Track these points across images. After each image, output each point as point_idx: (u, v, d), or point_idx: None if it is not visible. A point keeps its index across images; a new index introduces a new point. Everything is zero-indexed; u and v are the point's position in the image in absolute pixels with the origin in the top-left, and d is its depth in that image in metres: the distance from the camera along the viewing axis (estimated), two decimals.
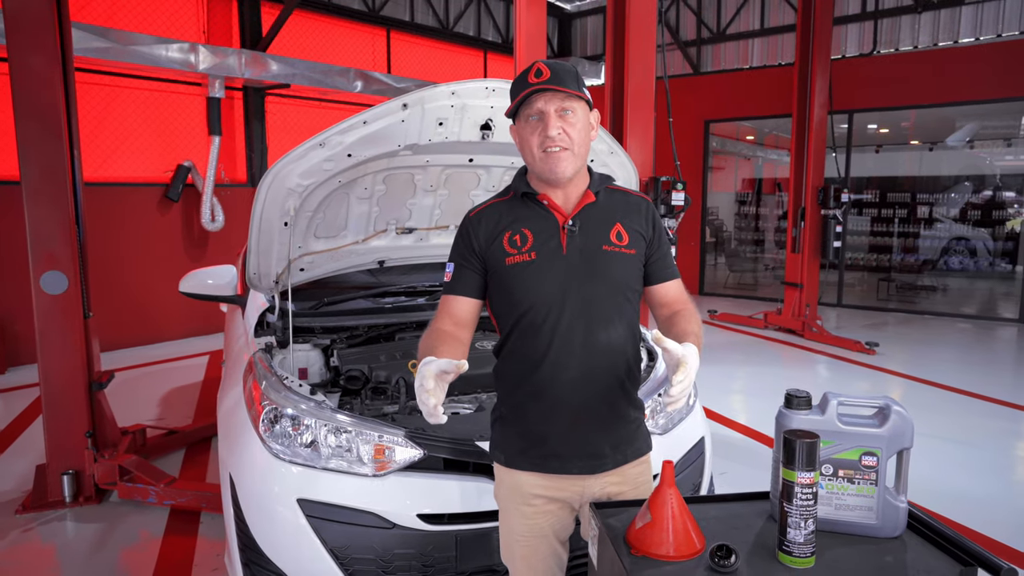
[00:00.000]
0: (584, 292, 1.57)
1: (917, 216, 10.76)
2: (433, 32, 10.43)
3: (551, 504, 1.65)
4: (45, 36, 3.36)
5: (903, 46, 9.43)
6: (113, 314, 6.68)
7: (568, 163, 1.56)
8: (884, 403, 1.44)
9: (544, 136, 1.53)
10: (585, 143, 1.60)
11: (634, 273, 1.64)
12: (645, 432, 1.74)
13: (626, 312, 1.63)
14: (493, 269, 1.61)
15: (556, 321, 1.56)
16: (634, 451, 1.69)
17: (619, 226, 1.63)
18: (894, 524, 1.41)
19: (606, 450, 1.63)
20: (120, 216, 6.97)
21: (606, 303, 1.59)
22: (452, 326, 1.61)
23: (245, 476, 2.12)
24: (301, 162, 2.30)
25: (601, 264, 1.59)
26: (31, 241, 3.40)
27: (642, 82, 4.59)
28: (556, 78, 1.52)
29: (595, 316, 1.58)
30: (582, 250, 1.59)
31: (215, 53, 6.83)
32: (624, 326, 1.63)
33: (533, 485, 1.63)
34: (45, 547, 3.20)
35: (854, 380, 6.00)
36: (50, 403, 3.53)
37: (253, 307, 2.93)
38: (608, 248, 1.60)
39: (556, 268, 1.57)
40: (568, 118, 1.54)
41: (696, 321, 1.61)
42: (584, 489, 1.65)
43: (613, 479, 1.66)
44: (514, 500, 1.66)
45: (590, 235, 1.60)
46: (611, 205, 1.66)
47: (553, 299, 1.57)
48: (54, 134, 3.40)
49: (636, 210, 1.67)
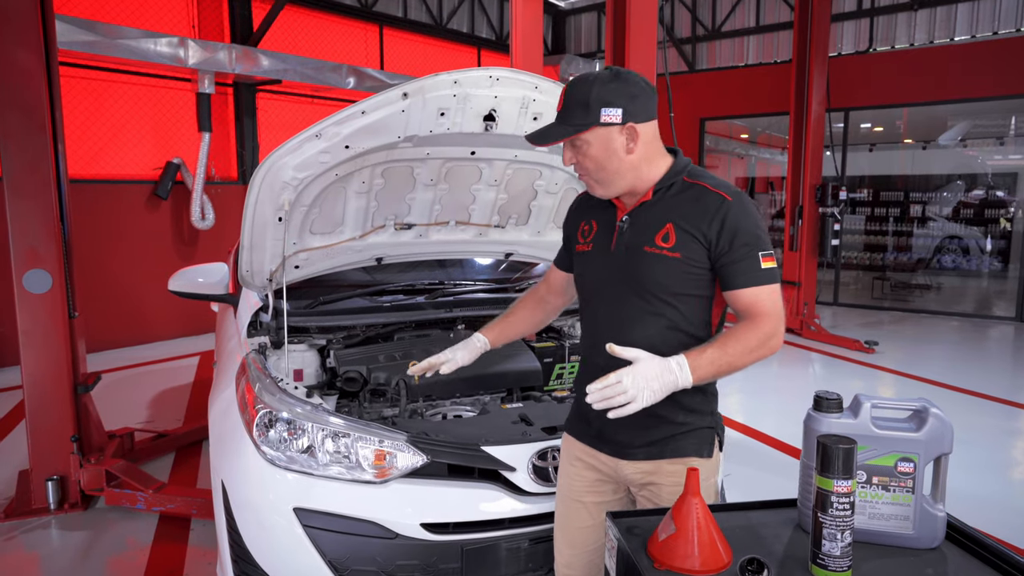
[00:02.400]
0: (618, 288, 1.62)
1: (911, 215, 10.77)
2: (426, 28, 10.32)
3: (589, 471, 1.73)
4: (28, 27, 3.24)
5: (899, 44, 9.41)
6: (101, 314, 6.54)
7: (595, 189, 1.62)
8: (921, 405, 1.36)
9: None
10: (607, 165, 1.56)
11: (677, 277, 1.55)
12: (703, 437, 1.65)
13: (667, 315, 1.58)
14: (571, 251, 1.80)
15: (596, 309, 1.68)
16: (673, 450, 1.63)
17: (670, 226, 1.55)
18: (932, 534, 1.33)
19: (636, 443, 1.64)
20: (108, 214, 6.82)
21: (637, 302, 1.59)
22: (546, 291, 1.96)
23: (238, 483, 2.02)
24: (296, 154, 2.20)
25: (639, 264, 1.58)
26: (13, 238, 3.28)
27: None
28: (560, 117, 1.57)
29: (626, 313, 1.60)
30: (627, 248, 1.61)
31: (205, 48, 6.70)
32: (658, 327, 1.58)
33: (579, 450, 1.75)
34: (28, 556, 3.09)
35: (851, 378, 5.96)
36: (34, 406, 3.41)
37: (246, 306, 2.82)
38: (650, 249, 1.57)
39: (601, 262, 1.66)
40: (580, 148, 1.57)
41: (745, 335, 1.50)
42: (617, 469, 1.69)
43: (647, 467, 1.65)
44: (566, 460, 1.79)
45: (637, 234, 1.60)
46: (673, 204, 1.58)
47: (594, 290, 1.69)
48: (37, 127, 3.27)
49: (703, 209, 1.54)
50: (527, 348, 2.75)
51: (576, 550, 1.77)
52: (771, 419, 4.84)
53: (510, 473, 1.97)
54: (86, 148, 6.76)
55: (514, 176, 2.76)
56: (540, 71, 5.27)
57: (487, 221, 2.94)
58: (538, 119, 2.35)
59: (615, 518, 1.46)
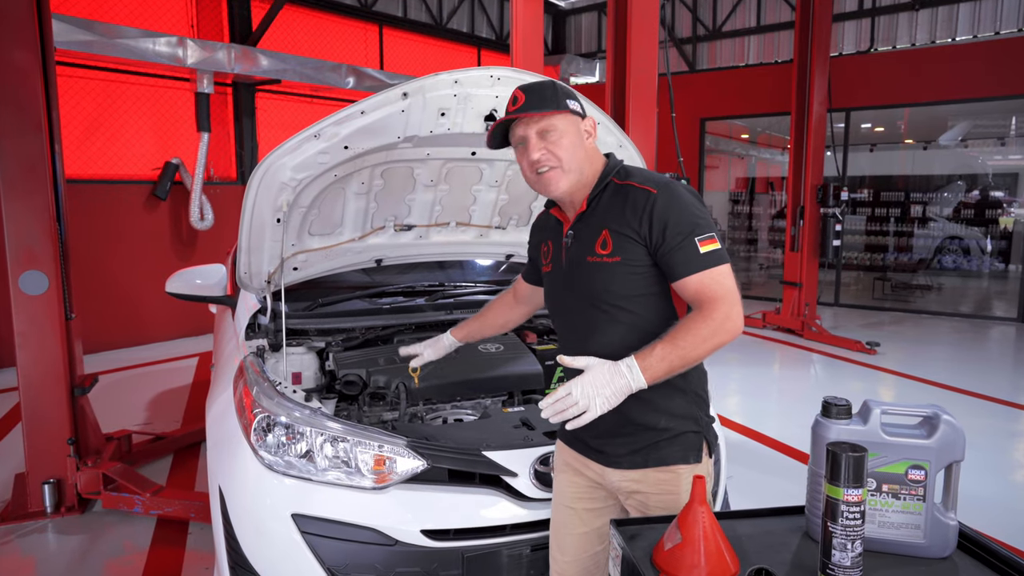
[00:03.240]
0: (570, 303, 1.65)
1: (911, 215, 10.75)
2: (426, 28, 10.29)
3: (579, 478, 1.72)
4: (24, 26, 3.21)
5: (900, 43, 9.39)
6: (99, 315, 6.51)
7: (560, 181, 1.58)
8: (932, 412, 1.33)
9: (530, 160, 1.57)
10: (576, 156, 1.58)
11: (623, 280, 1.54)
12: (689, 443, 1.60)
13: (625, 320, 1.56)
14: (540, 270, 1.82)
15: (559, 327, 1.73)
16: (657, 458, 1.59)
17: (605, 233, 1.56)
18: (943, 543, 1.31)
19: (621, 451, 1.62)
20: (106, 214, 6.79)
21: (591, 313, 1.60)
22: (513, 298, 2.06)
23: (236, 489, 1.99)
24: (295, 154, 2.17)
25: (584, 276, 1.60)
26: (9, 239, 3.25)
27: (644, 78, 4.49)
28: (529, 103, 1.55)
29: (582, 326, 1.62)
30: (571, 262, 1.64)
31: (203, 47, 6.66)
32: (619, 333, 1.56)
33: (569, 456, 1.75)
34: (24, 560, 3.06)
35: (853, 380, 5.93)
36: (30, 409, 3.38)
37: (244, 308, 2.79)
38: (592, 259, 1.58)
39: (557, 280, 1.70)
40: (551, 137, 1.56)
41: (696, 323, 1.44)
42: (604, 476, 1.67)
43: (633, 476, 1.62)
44: (559, 467, 1.79)
45: (580, 247, 1.62)
46: (606, 210, 1.57)
47: (555, 308, 1.74)
48: (33, 127, 3.24)
49: (632, 208, 1.51)
50: (528, 351, 2.72)
51: (568, 557, 1.74)
52: (773, 421, 4.81)
53: (511, 478, 1.94)
54: (85, 148, 6.73)
55: (515, 177, 2.73)
56: (541, 71, 5.24)
57: (488, 222, 2.92)
58: None
59: (619, 526, 1.44)
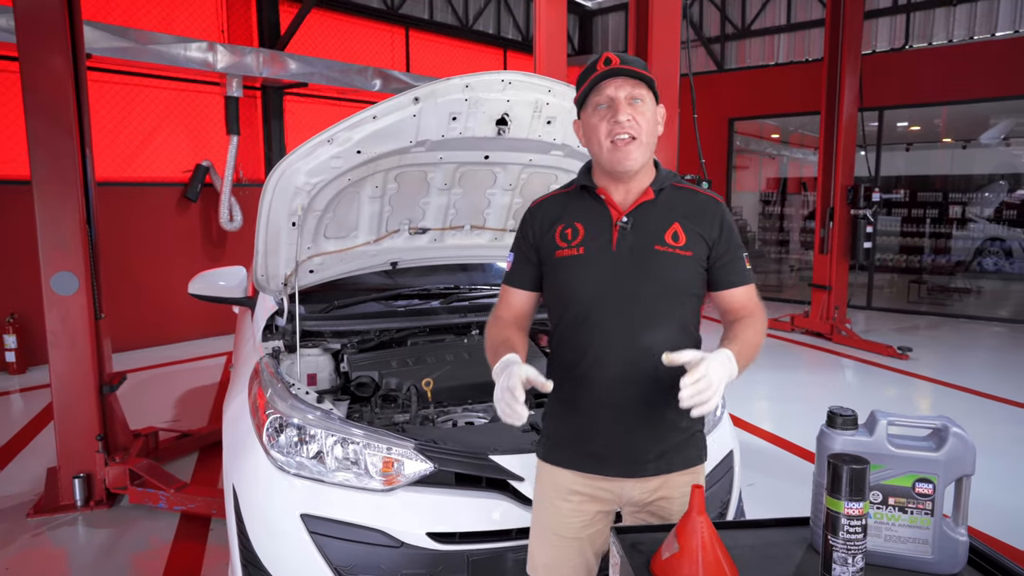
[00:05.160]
0: (628, 291, 1.52)
1: (949, 216, 10.44)
2: (452, 30, 10.34)
3: (589, 504, 1.61)
4: (56, 35, 3.31)
5: (937, 40, 9.13)
6: (131, 314, 6.69)
7: (637, 153, 1.50)
8: (941, 423, 1.29)
9: (613, 123, 1.48)
10: (653, 135, 1.54)
11: (689, 275, 1.55)
12: (700, 442, 1.65)
13: (678, 315, 1.56)
14: (545, 261, 1.61)
15: (599, 318, 1.53)
16: (682, 460, 1.60)
17: (677, 226, 1.54)
18: (953, 559, 1.27)
19: (649, 456, 1.57)
20: (139, 216, 6.97)
21: (652, 304, 1.53)
22: (511, 316, 1.67)
23: (248, 488, 2.03)
24: (308, 159, 2.20)
25: (650, 264, 1.52)
26: (41, 241, 3.35)
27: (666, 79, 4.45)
28: (626, 62, 1.49)
29: (639, 316, 1.53)
30: (633, 248, 1.53)
31: (233, 52, 6.80)
32: (674, 329, 1.55)
33: (572, 481, 1.61)
34: (56, 552, 3.15)
35: (885, 386, 5.78)
36: (61, 405, 3.49)
37: (262, 310, 2.84)
38: (660, 248, 1.52)
39: (603, 264, 1.53)
40: (638, 107, 1.50)
41: (755, 328, 1.54)
42: (623, 491, 1.60)
43: (655, 484, 1.59)
44: (551, 495, 1.63)
45: (643, 233, 1.53)
46: (673, 203, 1.57)
47: (597, 295, 1.54)
48: (64, 131, 3.34)
49: (701, 210, 1.57)
50: (541, 354, 2.72)
51: None
52: (798, 427, 4.72)
53: (518, 483, 1.94)
54: (119, 151, 6.91)
55: (529, 180, 2.73)
56: (564, 72, 5.22)
57: (502, 225, 2.92)
58: (551, 122, 2.32)
59: (619, 533, 1.43)
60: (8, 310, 6.12)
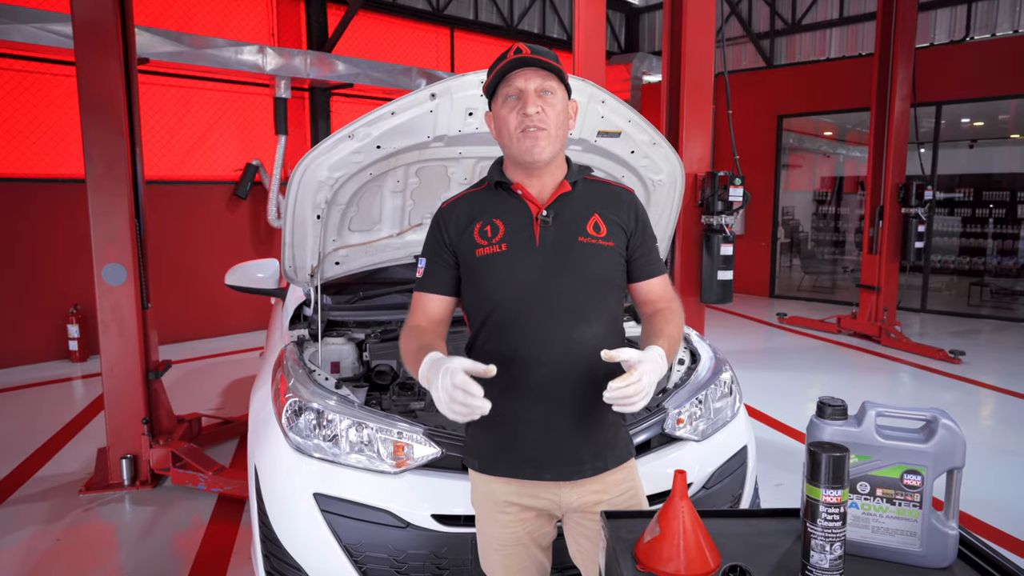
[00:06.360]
0: (556, 286, 1.48)
1: (1016, 216, 9.93)
2: (497, 30, 10.42)
3: (526, 512, 1.58)
4: (109, 40, 3.51)
5: (1001, 31, 8.70)
6: (183, 307, 7.00)
7: (546, 145, 1.47)
8: (932, 415, 1.27)
9: (522, 115, 1.45)
10: (563, 128, 1.52)
11: (613, 266, 1.54)
12: (626, 436, 1.64)
13: (606, 308, 1.54)
14: (464, 262, 1.54)
15: (527, 316, 1.48)
16: (615, 457, 1.58)
17: (597, 217, 1.53)
18: (942, 553, 1.24)
19: (584, 456, 1.53)
20: (192, 213, 7.29)
21: (581, 298, 1.50)
22: (428, 323, 1.56)
23: (268, 468, 2.12)
24: (331, 154, 2.28)
25: (575, 256, 1.50)
26: (94, 234, 3.57)
27: (699, 77, 4.43)
28: (536, 52, 1.47)
29: (568, 311, 1.49)
30: (556, 242, 1.50)
31: (281, 54, 7.04)
32: (603, 322, 1.53)
33: (507, 492, 1.56)
34: (104, 526, 3.35)
35: (936, 391, 5.56)
36: (110, 390, 3.70)
37: (291, 300, 2.95)
38: (584, 240, 1.51)
39: (527, 260, 1.49)
40: (547, 99, 1.47)
41: (676, 321, 1.54)
42: (560, 497, 1.56)
43: (594, 487, 1.56)
44: (488, 507, 1.59)
45: (565, 226, 1.51)
46: (590, 195, 1.57)
47: (523, 292, 1.48)
48: (116, 131, 3.55)
49: (617, 201, 1.58)
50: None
51: None
52: None
53: None
54: (174, 152, 7.24)
55: None
56: (603, 71, 5.22)
57: None
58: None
59: (609, 518, 1.45)
60: (72, 302, 6.49)
